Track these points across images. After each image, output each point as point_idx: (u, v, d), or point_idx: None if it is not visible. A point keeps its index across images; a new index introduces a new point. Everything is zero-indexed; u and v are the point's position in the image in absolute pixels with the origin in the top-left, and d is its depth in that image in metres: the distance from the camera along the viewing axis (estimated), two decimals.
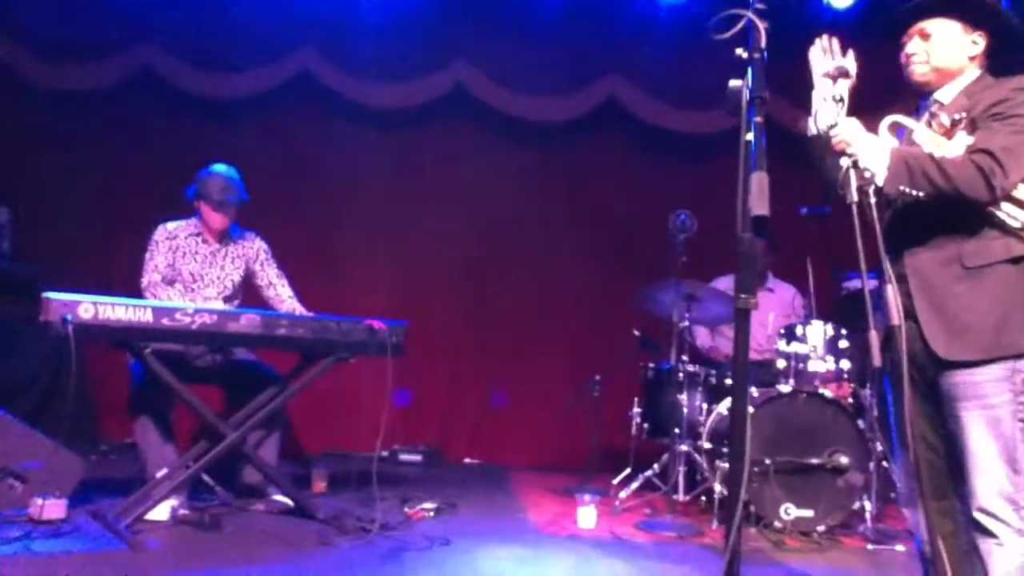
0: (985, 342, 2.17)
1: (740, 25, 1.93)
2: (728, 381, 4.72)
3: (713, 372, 4.75)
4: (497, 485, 5.21)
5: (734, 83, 1.81)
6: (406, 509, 4.10)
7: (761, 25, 1.91)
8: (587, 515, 4.06)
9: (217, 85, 5.71)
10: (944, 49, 2.33)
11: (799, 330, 4.49)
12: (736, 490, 1.67)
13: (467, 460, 5.97)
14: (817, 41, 2.31)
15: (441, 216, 6.01)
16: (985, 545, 2.17)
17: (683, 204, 4.71)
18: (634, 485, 4.64)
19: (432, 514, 4.11)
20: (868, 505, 4.12)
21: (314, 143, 5.94)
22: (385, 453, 5.61)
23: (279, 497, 3.99)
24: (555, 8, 5.87)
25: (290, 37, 5.70)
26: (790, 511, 4.05)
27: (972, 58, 2.34)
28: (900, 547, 3.94)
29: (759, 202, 1.59)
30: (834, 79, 2.25)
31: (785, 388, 4.29)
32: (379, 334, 3.82)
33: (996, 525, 2.15)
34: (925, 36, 2.34)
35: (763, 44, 1.91)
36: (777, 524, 4.06)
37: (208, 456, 3.64)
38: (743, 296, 1.66)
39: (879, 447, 4.19)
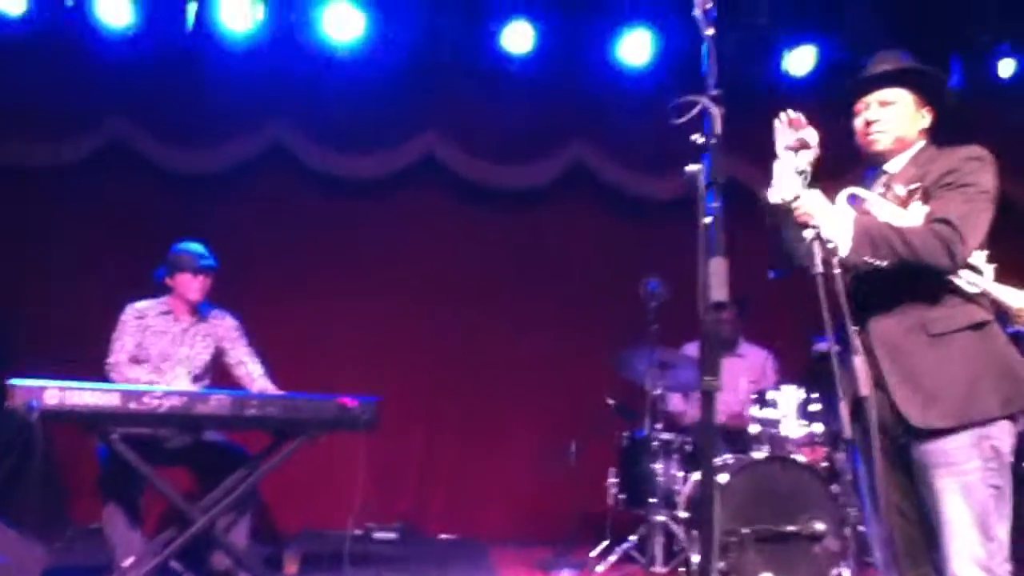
0: (955, 409, 2.20)
1: (696, 110, 1.98)
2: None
3: (688, 439, 4.75)
4: (474, 562, 5.12)
5: (691, 168, 1.86)
6: None
7: (716, 111, 1.96)
8: None
9: (190, 159, 5.73)
10: (904, 119, 2.40)
11: (771, 395, 4.52)
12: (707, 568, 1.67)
13: (443, 536, 5.87)
14: (781, 115, 2.36)
15: (413, 285, 6.02)
16: None
17: (654, 269, 4.76)
18: (612, 558, 4.59)
19: None
20: (846, 572, 4.09)
21: (287, 215, 5.96)
22: (359, 531, 5.51)
23: None
24: (522, 75, 5.98)
25: (262, 109, 5.75)
26: None
27: (922, 131, 2.43)
28: None
29: (718, 288, 1.62)
30: (795, 151, 2.30)
31: (759, 454, 4.29)
32: (350, 411, 3.80)
33: None
34: (886, 104, 2.40)
35: (718, 130, 1.96)
36: None
37: (176, 542, 3.57)
38: (707, 379, 1.68)
39: (854, 512, 4.18)
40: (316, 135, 5.83)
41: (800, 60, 5.83)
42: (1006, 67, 5.85)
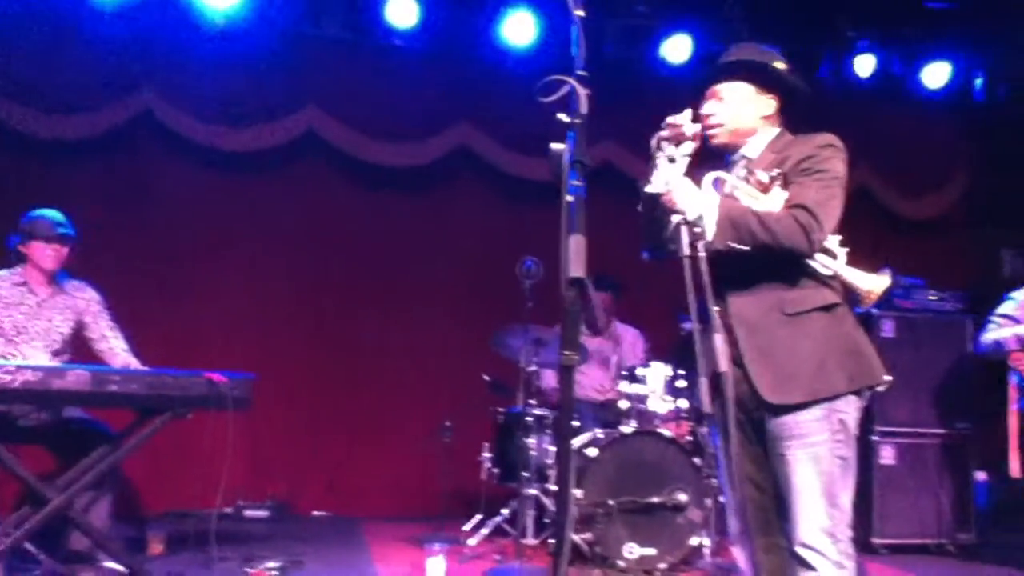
0: (806, 386, 2.30)
1: (563, 91, 2.01)
2: (576, 423, 4.85)
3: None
4: (347, 538, 5.10)
5: (556, 146, 1.89)
6: (248, 569, 3.95)
7: (582, 92, 1.99)
8: (436, 565, 4.02)
9: (54, 126, 5.42)
10: (737, 110, 2.50)
11: (640, 372, 4.67)
12: (560, 542, 1.71)
13: (316, 513, 5.82)
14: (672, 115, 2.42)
15: (292, 261, 5.93)
16: None
17: (533, 249, 4.82)
18: (484, 531, 4.66)
19: (276, 573, 3.98)
20: (707, 540, 4.29)
21: (158, 187, 5.72)
22: (229, 510, 5.40)
23: (110, 564, 3.77)
24: (408, 54, 5.94)
25: (133, 76, 5.49)
26: (633, 550, 4.16)
27: (765, 117, 2.52)
28: None
29: (575, 264, 1.66)
30: (668, 141, 2.35)
31: (627, 429, 4.43)
32: (219, 387, 3.70)
33: (816, 558, 2.26)
34: (719, 98, 2.52)
35: (584, 110, 1.99)
36: (621, 563, 4.16)
37: (30, 523, 3.41)
38: (567, 353, 1.72)
39: (715, 483, 4.38)
40: (189, 105, 5.61)
41: (676, 49, 5.98)
42: (865, 64, 6.15)
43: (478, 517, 4.88)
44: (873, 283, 2.40)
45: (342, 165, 6.03)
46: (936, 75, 6.34)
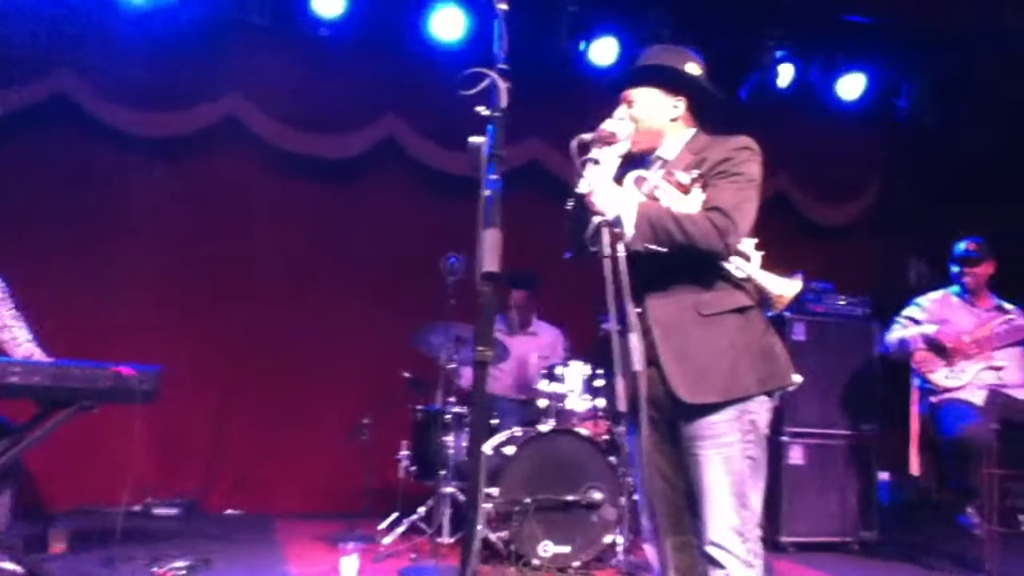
0: (719, 386, 2.33)
1: (484, 84, 2.01)
2: (495, 421, 4.86)
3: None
4: (260, 536, 4.99)
5: (474, 140, 1.88)
6: (154, 568, 3.84)
7: (503, 85, 1.99)
8: (349, 564, 3.98)
9: None
10: (646, 113, 2.54)
11: (559, 370, 4.70)
12: (469, 540, 1.71)
13: (229, 511, 5.69)
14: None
15: (208, 252, 5.79)
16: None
17: (458, 245, 4.80)
18: (400, 529, 4.63)
19: (184, 572, 3.88)
20: (621, 538, 4.33)
21: (72, 172, 5.53)
22: (137, 507, 5.25)
23: (7, 564, 3.61)
24: (334, 45, 5.86)
25: (48, 56, 5.29)
26: (548, 548, 4.18)
27: (674, 120, 2.56)
28: None
29: (490, 259, 1.65)
30: (595, 143, 2.37)
31: (544, 427, 4.45)
32: (127, 380, 3.58)
33: (725, 557, 2.29)
34: (630, 102, 2.54)
35: (505, 104, 1.99)
36: (536, 562, 4.16)
37: None
38: (480, 349, 1.71)
39: (631, 481, 4.43)
40: (108, 88, 5.44)
41: (604, 50, 6.04)
42: (785, 74, 6.31)
43: (394, 515, 4.84)
44: (785, 287, 2.46)
45: (265, 154, 5.92)
46: (852, 87, 6.53)
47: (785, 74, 6.29)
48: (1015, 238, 5.25)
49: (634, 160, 2.54)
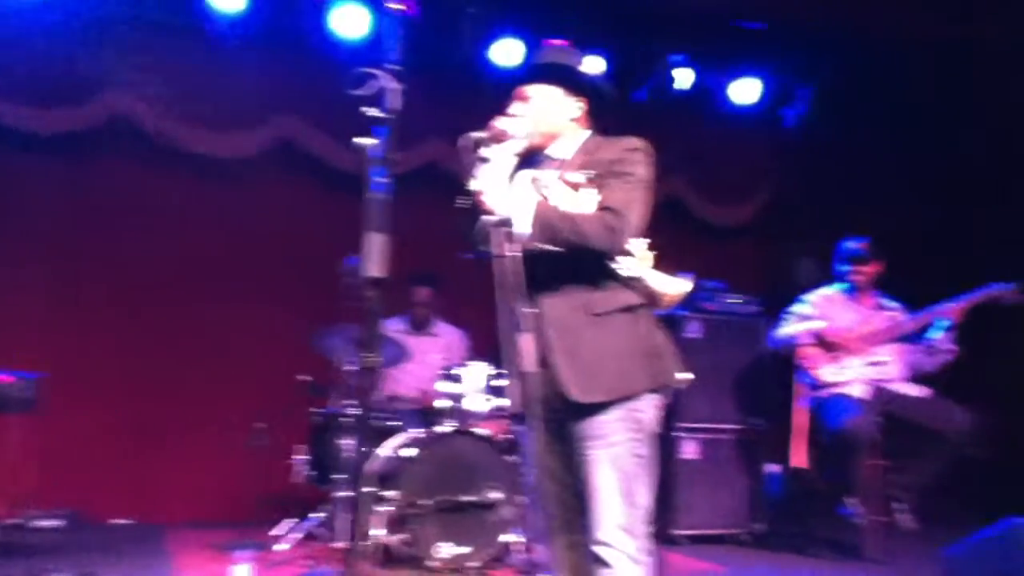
0: (609, 385, 2.35)
1: (375, 85, 1.98)
2: (395, 423, 4.80)
3: (378, 415, 4.79)
4: (148, 547, 4.81)
5: (361, 141, 1.85)
6: None
7: (394, 86, 1.97)
8: (241, 573, 3.88)
9: None
10: (545, 112, 2.54)
11: (459, 371, 4.68)
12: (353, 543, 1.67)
13: (116, 521, 5.46)
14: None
15: (93, 254, 5.56)
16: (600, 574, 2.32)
17: (356, 246, 4.71)
18: (296, 536, 4.53)
19: None
20: (518, 538, 4.35)
21: None
22: (16, 520, 4.98)
23: None
24: (233, 41, 5.65)
25: None
26: (446, 549, 4.16)
27: (574, 120, 2.58)
28: None
29: (373, 263, 1.63)
30: (487, 141, 2.35)
31: (444, 428, 4.43)
32: (5, 388, 3.42)
33: (612, 555, 2.31)
34: (526, 99, 2.54)
35: (396, 105, 1.97)
36: (433, 563, 4.13)
37: None
38: (365, 355, 1.68)
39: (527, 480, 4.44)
40: None
41: (506, 52, 6.02)
42: (684, 78, 6.43)
43: (290, 521, 4.73)
44: (673, 286, 2.50)
45: (158, 153, 5.67)
46: (747, 91, 6.70)
47: (682, 78, 6.42)
48: (901, 239, 5.50)
49: (528, 159, 2.54)
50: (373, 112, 1.90)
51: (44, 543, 4.72)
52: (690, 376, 2.56)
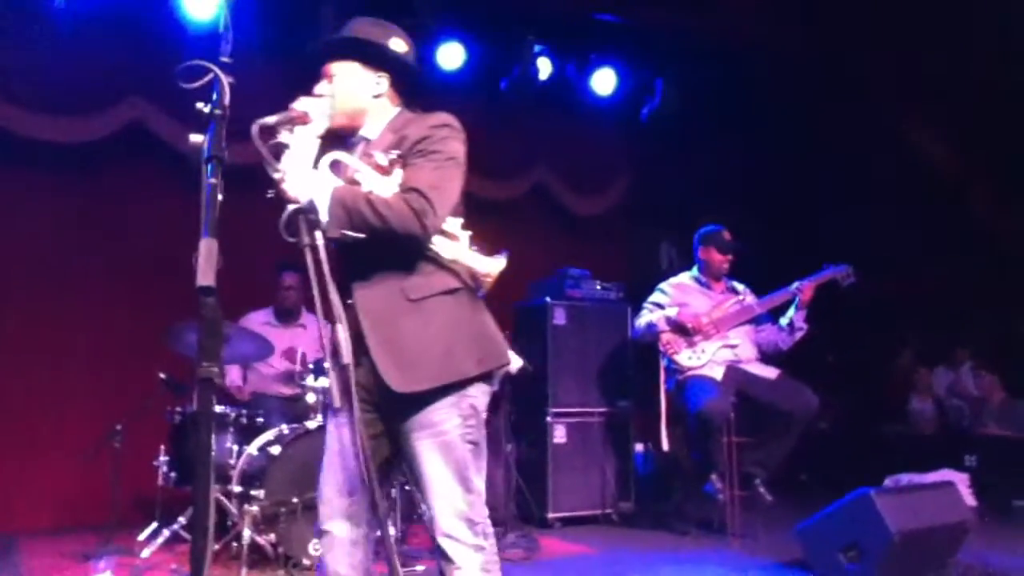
0: (433, 372, 2.25)
1: (207, 78, 1.90)
2: (260, 420, 4.70)
3: (244, 412, 4.68)
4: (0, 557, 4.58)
5: (195, 138, 1.79)
6: None
7: (226, 80, 1.90)
8: None
9: None
10: (346, 90, 2.41)
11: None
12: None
13: None
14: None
15: None
16: (448, 573, 2.26)
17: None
18: (161, 539, 4.39)
19: None
20: (391, 529, 4.34)
21: None
22: None
23: None
24: (72, 19, 5.37)
25: None
26: (318, 547, 4.10)
27: (377, 96, 2.44)
28: (421, 567, 4.20)
29: (204, 272, 1.58)
30: (281, 125, 2.21)
31: (312, 424, 4.37)
32: None
33: (454, 547, 2.24)
34: (330, 77, 2.41)
35: (227, 100, 1.90)
36: (306, 562, 4.08)
37: None
38: (205, 364, 1.64)
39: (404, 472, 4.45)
40: None
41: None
42: (544, 68, 6.52)
43: (154, 525, 4.58)
44: (491, 266, 2.40)
45: None
46: (605, 83, 6.86)
47: (544, 69, 6.50)
48: (746, 227, 5.74)
49: (337, 141, 2.41)
50: (204, 108, 1.82)
51: None
52: (521, 361, 2.50)
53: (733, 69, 6.72)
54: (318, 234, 2.12)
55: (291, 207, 2.15)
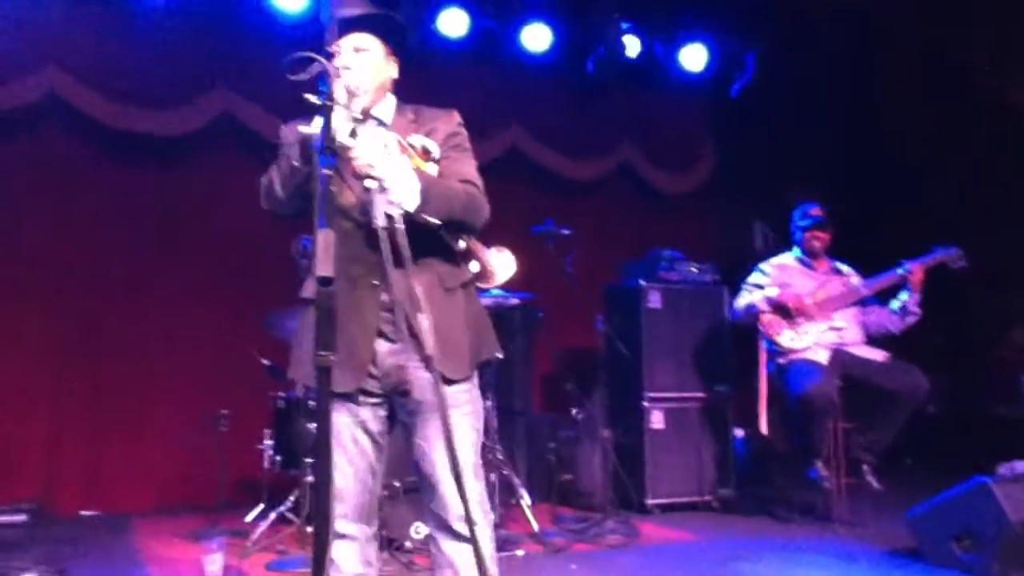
0: (468, 358, 2.32)
1: (316, 70, 1.90)
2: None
3: None
4: (117, 538, 4.76)
5: (305, 129, 1.79)
6: None
7: (335, 72, 1.90)
8: (213, 562, 3.84)
9: None
10: (375, 67, 2.31)
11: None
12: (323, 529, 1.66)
13: (83, 512, 5.37)
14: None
15: (34, 245, 5.41)
16: (463, 554, 2.25)
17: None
18: (267, 522, 4.50)
19: None
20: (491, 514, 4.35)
21: None
22: None
23: None
24: (164, 15, 5.52)
25: None
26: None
27: (393, 80, 2.41)
28: (520, 552, 4.21)
29: (323, 262, 1.59)
30: (349, 93, 2.01)
31: None
32: None
33: (477, 531, 2.14)
34: (360, 51, 2.29)
35: (336, 91, 1.89)
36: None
37: None
38: (321, 353, 1.65)
39: (499, 456, 4.46)
40: None
41: (452, 23, 5.90)
42: (632, 46, 6.40)
43: (260, 507, 4.70)
44: (501, 262, 2.51)
45: (90, 134, 5.54)
46: (695, 58, 6.70)
47: (631, 46, 6.39)
48: (847, 205, 5.54)
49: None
50: (312, 99, 1.82)
51: (9, 539, 4.64)
52: (500, 353, 2.49)
53: (826, 42, 6.48)
54: (396, 214, 2.00)
55: (370, 183, 2.01)
